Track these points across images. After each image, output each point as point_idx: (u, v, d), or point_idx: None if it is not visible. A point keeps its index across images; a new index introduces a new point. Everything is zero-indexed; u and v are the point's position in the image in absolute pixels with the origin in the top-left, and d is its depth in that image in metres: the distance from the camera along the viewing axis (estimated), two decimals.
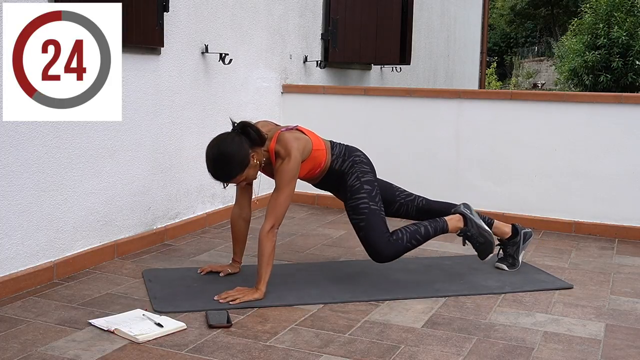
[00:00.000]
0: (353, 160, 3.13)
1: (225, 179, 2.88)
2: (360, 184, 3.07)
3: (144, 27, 3.52)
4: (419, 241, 3.09)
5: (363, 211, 3.03)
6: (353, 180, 3.08)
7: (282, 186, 2.87)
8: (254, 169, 2.91)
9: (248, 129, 2.88)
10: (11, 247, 2.89)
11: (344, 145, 3.20)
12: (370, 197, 3.05)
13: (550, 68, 22.04)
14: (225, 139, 2.87)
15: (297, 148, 2.91)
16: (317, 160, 3.06)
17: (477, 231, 3.17)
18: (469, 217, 3.18)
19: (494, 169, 4.48)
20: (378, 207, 3.05)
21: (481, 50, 11.37)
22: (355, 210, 3.06)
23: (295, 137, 2.96)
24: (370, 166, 3.18)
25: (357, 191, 3.06)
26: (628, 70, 13.15)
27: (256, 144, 2.89)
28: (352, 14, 5.69)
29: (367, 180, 3.09)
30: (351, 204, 3.07)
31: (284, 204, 2.86)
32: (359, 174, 3.10)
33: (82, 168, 3.23)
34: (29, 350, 2.32)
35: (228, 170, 2.84)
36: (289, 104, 5.00)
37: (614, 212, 4.23)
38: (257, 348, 2.40)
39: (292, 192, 2.90)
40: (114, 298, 2.87)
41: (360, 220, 3.04)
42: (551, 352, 2.44)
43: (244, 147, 2.84)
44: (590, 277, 3.38)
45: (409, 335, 2.56)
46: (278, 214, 2.85)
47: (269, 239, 2.83)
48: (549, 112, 4.33)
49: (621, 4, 13.32)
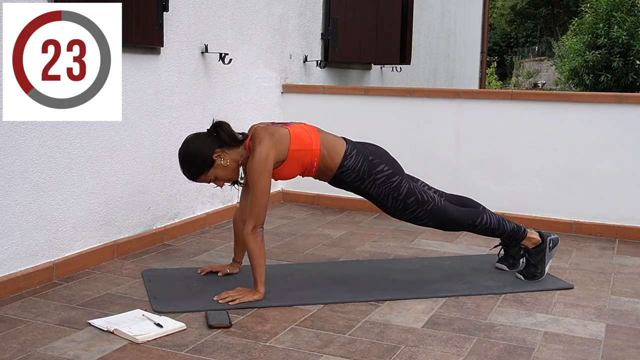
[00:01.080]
0: (374, 179, 3.02)
1: (191, 177, 2.93)
2: (402, 203, 3.05)
3: (144, 27, 3.52)
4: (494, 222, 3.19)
5: (425, 217, 3.09)
6: (393, 203, 3.06)
7: (252, 183, 2.83)
8: (222, 169, 2.88)
9: (218, 129, 2.89)
10: (11, 247, 2.89)
11: (361, 158, 3.01)
12: (420, 204, 3.06)
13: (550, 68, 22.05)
14: (191, 138, 2.93)
15: (266, 144, 2.81)
16: (304, 161, 2.93)
17: (537, 260, 3.22)
18: (545, 247, 3.22)
19: (494, 169, 4.48)
20: (432, 202, 3.07)
21: (481, 50, 11.37)
22: (416, 220, 3.12)
23: (268, 133, 2.87)
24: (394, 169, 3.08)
25: (405, 209, 3.07)
26: (628, 70, 13.16)
27: (226, 144, 2.88)
28: (352, 14, 5.69)
29: (406, 194, 3.04)
30: (408, 218, 3.11)
31: (259, 202, 2.80)
32: (393, 194, 3.04)
33: (82, 168, 3.23)
34: (29, 351, 2.32)
35: (191, 169, 2.90)
36: (289, 104, 4.99)
37: (614, 212, 4.22)
38: (257, 348, 2.39)
39: (265, 188, 2.81)
40: (113, 298, 2.87)
41: (427, 223, 3.13)
42: (552, 352, 2.44)
43: (206, 147, 2.85)
44: (591, 277, 3.38)
45: (409, 335, 2.56)
46: (256, 213, 2.80)
47: (253, 239, 2.80)
48: (549, 112, 4.33)
49: (621, 4, 13.33)
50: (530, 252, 3.23)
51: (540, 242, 3.23)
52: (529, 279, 3.22)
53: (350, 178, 3.02)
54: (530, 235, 3.24)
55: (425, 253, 3.74)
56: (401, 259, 3.61)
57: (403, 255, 3.68)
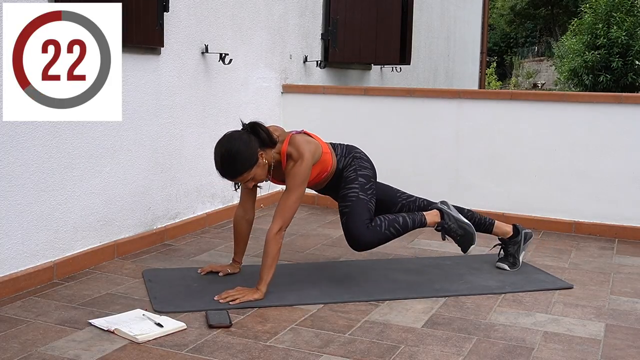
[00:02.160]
0: (353, 156, 3.16)
1: (233, 176, 2.85)
2: (355, 176, 3.09)
3: (144, 27, 3.52)
4: (397, 230, 3.07)
5: (351, 199, 3.04)
6: (349, 172, 3.11)
7: (293, 188, 2.86)
8: (262, 168, 2.88)
9: (258, 129, 2.88)
10: (11, 247, 2.89)
11: (344, 145, 3.22)
12: (362, 188, 3.06)
13: (550, 68, 22.04)
14: (234, 136, 2.85)
15: (309, 150, 2.91)
16: (325, 164, 3.07)
17: (455, 224, 3.19)
18: (445, 211, 3.21)
19: (494, 169, 4.48)
20: (367, 198, 3.05)
21: (481, 50, 11.38)
22: (343, 198, 3.07)
23: (307, 141, 2.96)
24: (369, 163, 3.20)
25: (350, 182, 3.08)
26: (628, 70, 13.15)
27: (265, 145, 2.88)
28: (352, 14, 5.69)
29: (363, 174, 3.11)
30: (342, 193, 3.08)
31: (294, 206, 2.86)
32: (356, 167, 3.12)
33: (82, 168, 3.23)
34: (29, 350, 2.32)
35: (236, 167, 2.81)
36: (289, 104, 4.99)
37: (614, 212, 4.23)
38: (257, 348, 2.40)
39: (302, 194, 2.90)
40: (114, 298, 2.87)
41: (345, 207, 3.04)
42: (551, 352, 2.44)
43: (252, 145, 2.83)
44: (590, 277, 3.38)
45: (409, 335, 2.56)
46: (286, 216, 2.85)
47: (275, 240, 2.83)
48: (549, 112, 4.33)
49: (621, 4, 13.32)
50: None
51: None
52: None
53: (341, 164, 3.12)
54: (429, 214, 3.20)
55: (425, 253, 3.74)
56: (401, 259, 3.61)
57: (403, 255, 3.68)
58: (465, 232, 3.19)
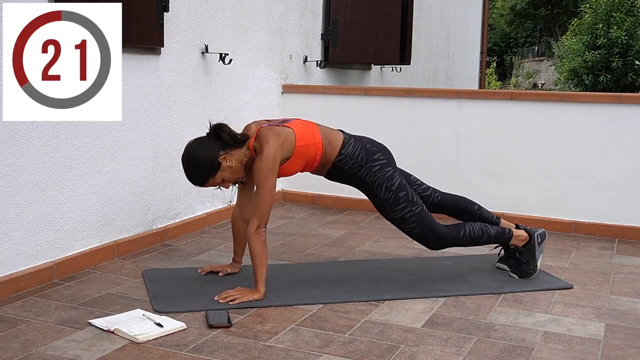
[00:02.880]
0: (370, 166, 3.05)
1: (200, 183, 2.91)
2: (394, 195, 3.04)
3: (144, 27, 3.52)
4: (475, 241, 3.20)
5: (411, 220, 3.06)
6: (385, 193, 3.05)
7: (259, 183, 2.84)
8: (229, 171, 2.88)
9: (219, 132, 2.88)
10: (11, 247, 2.89)
11: (358, 144, 3.08)
12: (410, 202, 3.06)
13: (550, 68, 22.04)
14: (193, 144, 2.91)
15: (272, 144, 2.85)
16: (309, 155, 2.99)
17: (529, 258, 3.23)
18: (534, 243, 3.23)
19: (494, 169, 4.48)
20: (420, 206, 3.08)
21: (481, 50, 11.37)
22: (404, 221, 3.08)
23: (274, 133, 2.90)
24: (388, 161, 3.10)
25: (395, 203, 3.05)
26: (628, 70, 13.16)
27: (229, 146, 2.88)
28: (352, 14, 5.69)
29: (398, 186, 3.05)
30: (396, 217, 3.08)
31: (265, 202, 2.82)
32: (387, 184, 3.05)
33: (82, 168, 3.23)
34: (29, 350, 2.32)
35: (199, 174, 2.87)
36: (289, 104, 5.00)
37: (614, 212, 4.23)
38: (257, 348, 2.40)
39: (271, 188, 2.84)
40: (114, 298, 2.88)
41: (413, 229, 3.09)
42: (551, 352, 2.44)
43: (212, 151, 2.84)
44: (590, 277, 3.38)
45: (409, 335, 2.56)
46: (261, 212, 2.82)
47: (256, 239, 2.82)
48: (549, 112, 4.33)
49: (621, 4, 13.33)
50: (521, 250, 3.25)
51: (529, 239, 3.26)
52: (522, 277, 3.24)
53: (347, 165, 3.05)
54: (517, 233, 3.27)
55: (425, 253, 3.74)
56: (401, 259, 3.61)
57: (403, 255, 3.68)
58: (528, 268, 3.24)
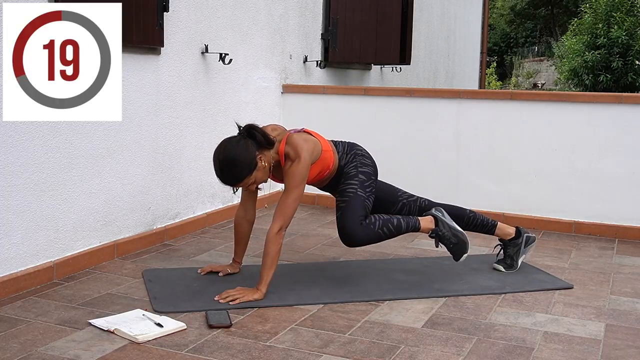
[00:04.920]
0: (354, 153, 3.15)
1: (234, 183, 2.87)
2: (355, 172, 3.09)
3: (144, 27, 3.52)
4: (390, 231, 3.03)
5: (348, 194, 3.03)
6: (350, 169, 3.10)
7: (291, 188, 2.86)
8: (263, 171, 2.88)
9: (254, 132, 2.87)
10: (11, 247, 2.89)
11: (346, 142, 3.22)
12: (361, 185, 3.05)
13: (550, 68, 22.05)
14: (231, 142, 2.86)
15: (307, 150, 2.90)
16: (326, 162, 3.06)
17: (449, 232, 3.15)
18: (440, 218, 3.16)
19: (494, 169, 4.48)
20: (365, 195, 3.04)
21: (481, 50, 11.38)
22: (341, 193, 3.05)
23: (304, 139, 2.95)
24: (371, 160, 3.19)
25: (350, 178, 3.07)
26: (628, 70, 13.16)
27: (263, 147, 2.88)
28: (352, 14, 5.69)
29: (364, 171, 3.10)
30: (340, 188, 3.07)
31: (293, 206, 2.86)
32: (357, 164, 3.12)
33: (82, 168, 3.23)
34: (29, 350, 2.32)
35: (236, 173, 2.83)
36: (289, 104, 5.00)
37: (614, 212, 4.23)
38: (257, 348, 2.40)
39: (301, 194, 2.90)
40: (114, 298, 2.87)
41: (342, 202, 3.03)
42: (551, 352, 2.44)
43: (250, 150, 2.83)
44: (590, 277, 3.38)
45: (409, 335, 2.56)
46: (286, 215, 2.85)
47: (276, 240, 2.83)
48: (549, 112, 4.33)
49: (621, 4, 13.34)
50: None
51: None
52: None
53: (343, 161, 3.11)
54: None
55: (425, 253, 3.74)
56: (401, 259, 3.61)
57: (403, 255, 3.68)
58: (458, 240, 3.15)
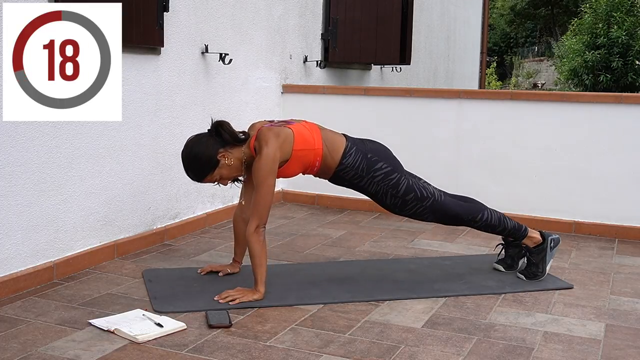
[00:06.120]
0: (372, 176, 3.03)
1: (196, 179, 2.92)
2: (401, 200, 3.07)
3: (144, 27, 3.52)
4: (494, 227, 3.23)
5: (424, 212, 3.12)
6: (392, 200, 3.08)
7: (257, 184, 2.83)
8: (227, 168, 2.89)
9: (220, 129, 2.89)
10: (11, 247, 2.89)
11: (360, 156, 3.01)
12: (419, 200, 3.08)
13: (550, 68, 22.05)
14: (193, 140, 2.92)
15: (272, 145, 2.84)
16: (307, 160, 2.96)
17: (539, 260, 3.24)
18: (546, 246, 3.24)
19: (493, 169, 4.48)
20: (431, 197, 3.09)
21: (481, 50, 11.37)
22: (416, 215, 3.14)
23: (274, 133, 2.89)
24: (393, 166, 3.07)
25: (404, 205, 3.09)
26: (628, 70, 13.17)
27: (228, 143, 2.88)
28: (352, 14, 5.69)
29: (405, 191, 3.06)
30: (408, 214, 3.14)
31: (264, 202, 2.82)
32: (392, 192, 3.06)
33: (82, 168, 3.23)
34: (29, 350, 2.32)
35: (197, 170, 2.89)
36: (289, 104, 5.00)
37: (614, 212, 4.23)
38: (257, 348, 2.40)
39: (270, 188, 2.84)
40: (114, 298, 2.87)
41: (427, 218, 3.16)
42: (551, 352, 2.44)
43: (210, 147, 2.85)
44: (590, 277, 3.38)
45: (409, 335, 2.56)
46: (260, 212, 2.82)
47: (255, 239, 2.82)
48: (549, 112, 4.33)
49: (621, 4, 13.34)
50: (532, 251, 3.25)
51: (542, 242, 3.25)
52: (530, 278, 3.23)
53: (349, 176, 3.03)
54: (532, 234, 3.26)
55: (425, 253, 3.74)
56: (401, 259, 3.61)
57: (403, 255, 3.68)
58: (537, 270, 3.24)
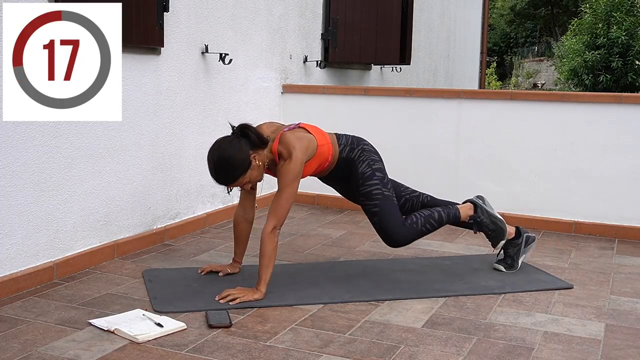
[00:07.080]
0: (362, 148, 3.15)
1: (228, 182, 2.88)
2: (372, 171, 3.10)
3: (144, 27, 3.52)
4: (433, 226, 3.17)
5: (376, 196, 3.07)
6: (364, 168, 3.11)
7: (283, 187, 2.86)
8: (257, 170, 2.89)
9: (247, 131, 2.88)
10: (11, 247, 2.89)
11: (350, 136, 3.21)
12: (383, 184, 3.10)
13: (550, 68, 22.05)
14: (225, 142, 2.88)
15: (300, 148, 2.90)
16: (324, 156, 3.06)
17: (488, 218, 3.24)
18: (479, 204, 3.27)
19: (494, 169, 4.48)
20: (390, 193, 3.11)
21: (481, 50, 11.37)
22: (367, 196, 3.09)
23: (297, 137, 2.95)
24: (378, 155, 3.21)
25: (369, 177, 3.10)
26: (628, 70, 13.17)
27: (256, 146, 2.89)
28: (352, 14, 5.69)
29: (378, 168, 3.13)
30: (364, 190, 3.10)
31: (286, 205, 2.86)
32: (369, 162, 3.13)
33: (82, 168, 3.23)
34: (29, 350, 2.32)
35: (230, 173, 2.84)
36: (289, 104, 5.00)
37: (614, 212, 4.23)
38: (257, 348, 2.40)
39: (294, 192, 2.90)
40: (114, 298, 2.88)
41: (374, 206, 3.08)
42: (551, 352, 2.44)
43: (243, 149, 2.84)
44: (590, 277, 3.38)
45: (409, 335, 2.56)
46: (279, 214, 2.85)
47: (270, 240, 2.83)
48: (549, 112, 4.33)
49: (620, 4, 13.35)
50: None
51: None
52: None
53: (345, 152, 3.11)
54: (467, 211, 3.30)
55: (425, 253, 3.74)
56: (401, 259, 3.61)
57: (403, 255, 3.68)
58: (496, 227, 3.25)
